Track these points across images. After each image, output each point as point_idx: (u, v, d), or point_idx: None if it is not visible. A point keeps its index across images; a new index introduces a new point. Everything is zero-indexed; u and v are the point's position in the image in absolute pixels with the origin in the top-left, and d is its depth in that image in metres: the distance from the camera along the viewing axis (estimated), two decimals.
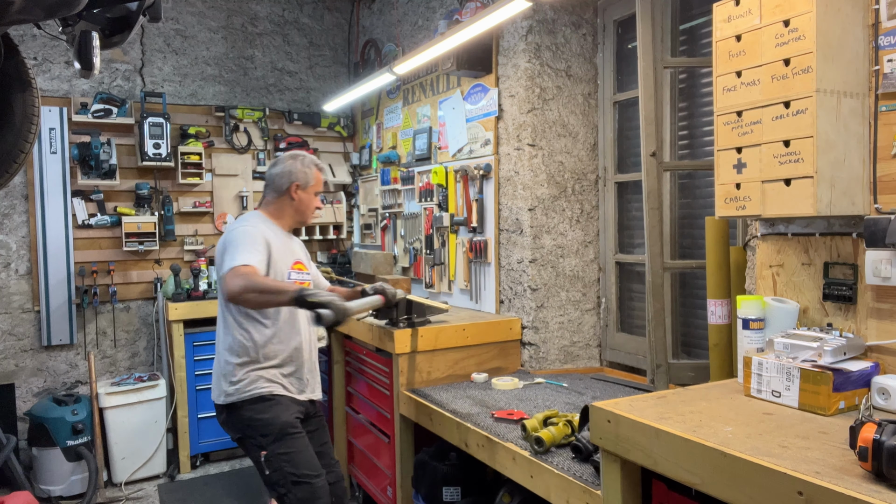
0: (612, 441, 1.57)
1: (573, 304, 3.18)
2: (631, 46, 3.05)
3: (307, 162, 2.58)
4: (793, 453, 1.28)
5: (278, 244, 2.47)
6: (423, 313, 2.98)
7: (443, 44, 3.06)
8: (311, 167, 2.57)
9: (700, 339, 2.73)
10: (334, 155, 5.14)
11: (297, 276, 2.53)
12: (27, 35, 4.07)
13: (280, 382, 2.46)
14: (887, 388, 1.53)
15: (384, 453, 3.10)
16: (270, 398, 2.42)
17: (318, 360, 2.74)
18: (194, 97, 4.65)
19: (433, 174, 3.78)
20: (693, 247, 2.78)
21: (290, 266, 2.52)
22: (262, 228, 2.45)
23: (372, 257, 4.22)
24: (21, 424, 3.99)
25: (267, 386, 2.43)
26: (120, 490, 3.90)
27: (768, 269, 1.96)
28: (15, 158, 2.27)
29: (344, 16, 5.16)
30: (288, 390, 2.47)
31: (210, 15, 4.70)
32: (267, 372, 2.43)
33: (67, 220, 4.20)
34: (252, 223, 2.46)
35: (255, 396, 2.40)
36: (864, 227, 1.61)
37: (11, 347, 4.12)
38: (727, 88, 1.80)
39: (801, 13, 1.60)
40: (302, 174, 2.54)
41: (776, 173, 1.66)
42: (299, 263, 2.58)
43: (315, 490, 2.36)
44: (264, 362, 2.43)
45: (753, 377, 1.66)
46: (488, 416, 2.41)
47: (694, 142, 2.76)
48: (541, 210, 3.11)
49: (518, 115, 3.14)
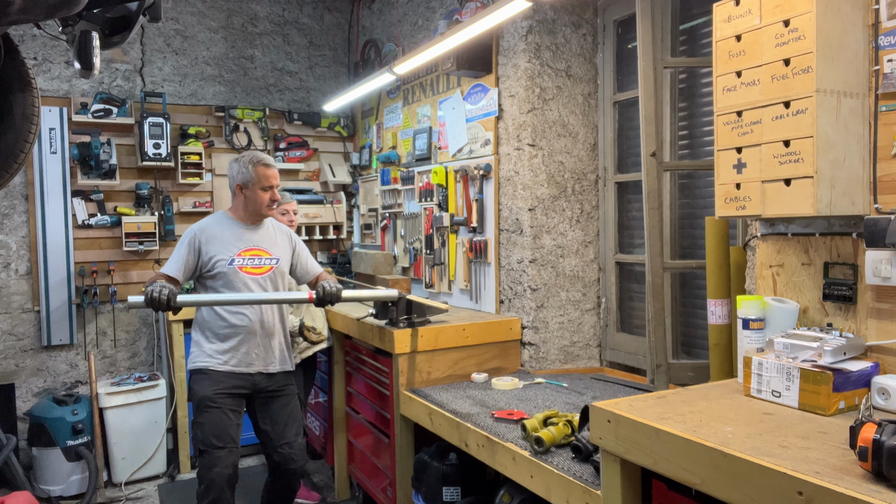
0: (612, 441, 1.57)
1: (573, 304, 3.18)
2: (631, 46, 3.05)
3: (244, 162, 2.81)
4: (793, 453, 1.28)
5: (226, 236, 2.80)
6: (423, 313, 2.98)
7: (443, 44, 3.06)
8: (248, 166, 2.80)
9: (700, 339, 2.73)
10: (334, 155, 5.15)
11: (241, 261, 2.79)
12: (27, 35, 4.07)
13: (216, 358, 2.75)
14: (887, 388, 1.53)
15: (384, 453, 3.10)
16: (203, 371, 2.75)
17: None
18: (194, 97, 4.65)
19: (433, 174, 3.78)
20: (693, 247, 2.78)
21: (238, 253, 2.79)
22: (205, 227, 2.81)
23: (372, 257, 4.22)
24: (21, 424, 3.99)
25: (202, 360, 2.76)
26: (120, 490, 3.90)
27: (768, 269, 1.96)
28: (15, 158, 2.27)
29: (344, 16, 5.16)
30: (226, 363, 2.75)
31: (210, 15, 4.70)
32: (207, 346, 2.77)
33: (67, 220, 4.20)
34: (195, 226, 2.84)
35: (193, 369, 2.79)
36: (864, 227, 1.60)
37: (11, 347, 4.12)
38: (727, 88, 1.80)
39: (801, 13, 1.60)
40: (241, 175, 2.80)
41: (776, 173, 1.66)
42: (254, 250, 2.83)
43: (213, 459, 2.65)
44: (206, 337, 2.78)
45: (753, 377, 1.66)
46: (488, 416, 2.41)
47: (694, 142, 2.76)
48: (541, 210, 3.11)
49: (518, 115, 3.14)
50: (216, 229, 2.82)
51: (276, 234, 2.97)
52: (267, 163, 2.83)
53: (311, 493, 3.71)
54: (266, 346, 2.83)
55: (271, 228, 2.97)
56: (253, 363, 2.79)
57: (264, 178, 2.80)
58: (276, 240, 2.93)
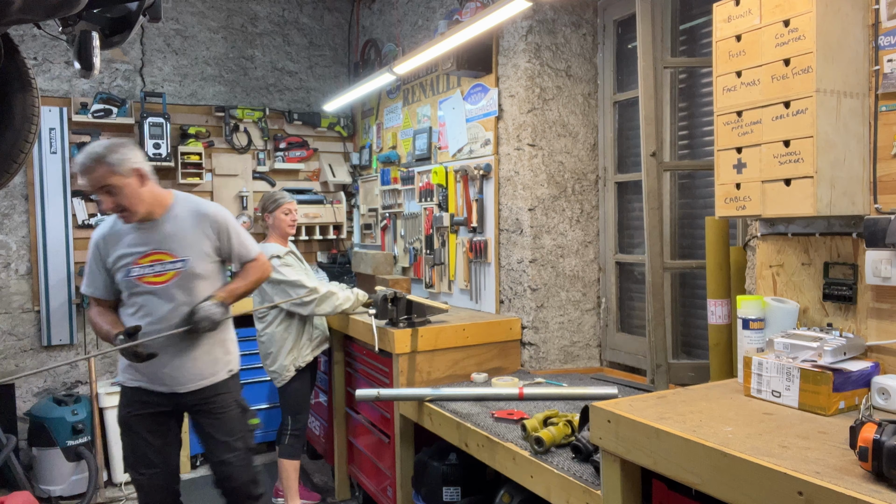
0: (612, 441, 1.57)
1: (573, 304, 3.18)
2: (631, 46, 3.05)
3: None
4: (793, 453, 1.28)
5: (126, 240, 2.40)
6: (423, 313, 2.98)
7: (443, 44, 3.06)
8: None
9: (700, 339, 2.73)
10: (334, 155, 5.14)
11: (139, 270, 2.38)
12: (27, 35, 4.07)
13: (129, 374, 2.46)
14: (887, 388, 1.53)
15: (384, 453, 3.10)
16: (121, 388, 2.53)
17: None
18: (194, 97, 4.65)
19: (433, 174, 3.78)
20: (693, 247, 2.78)
21: (136, 261, 2.38)
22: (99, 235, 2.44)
23: (372, 257, 4.22)
24: (21, 424, 3.98)
25: (120, 376, 2.52)
26: (120, 490, 3.90)
27: (768, 269, 1.96)
28: (15, 158, 2.26)
29: (344, 16, 5.16)
30: (139, 381, 2.46)
31: (210, 15, 4.70)
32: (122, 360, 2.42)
33: (67, 220, 4.20)
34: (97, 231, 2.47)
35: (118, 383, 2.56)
36: (864, 227, 1.60)
37: (11, 347, 4.11)
38: (727, 88, 1.80)
39: (801, 13, 1.60)
40: None
41: (776, 173, 1.66)
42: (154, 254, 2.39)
43: (140, 486, 2.50)
44: None
45: (753, 377, 1.66)
46: (488, 416, 2.41)
47: (694, 142, 2.76)
48: (541, 210, 3.11)
49: (518, 115, 3.14)
50: (109, 237, 2.41)
51: (187, 223, 2.44)
52: (79, 161, 2.32)
53: (311, 493, 3.71)
54: (179, 365, 2.42)
55: (180, 218, 2.44)
56: (166, 382, 2.43)
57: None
58: (185, 233, 2.43)
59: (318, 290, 3.20)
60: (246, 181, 4.77)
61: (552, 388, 2.65)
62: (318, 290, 3.20)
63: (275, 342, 3.30)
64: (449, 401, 2.60)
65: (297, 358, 3.34)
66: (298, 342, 3.34)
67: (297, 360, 3.33)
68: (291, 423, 3.35)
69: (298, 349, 3.35)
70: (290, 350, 3.31)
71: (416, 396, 2.67)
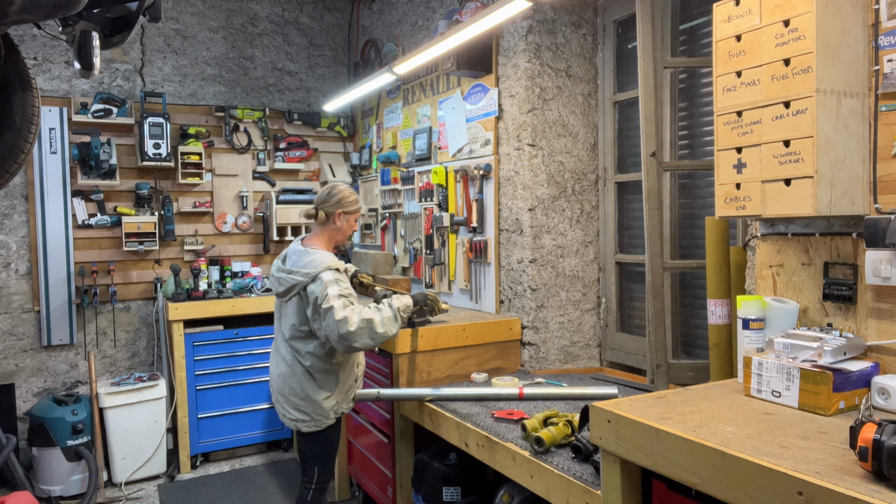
0: (612, 441, 1.57)
1: (573, 304, 3.18)
2: (631, 46, 3.05)
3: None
4: (793, 453, 1.28)
5: None
6: (423, 313, 2.98)
7: (443, 44, 3.06)
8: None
9: (700, 339, 2.73)
10: (334, 155, 5.15)
11: None
12: (27, 35, 4.07)
13: None
14: (887, 388, 1.54)
15: (384, 453, 3.10)
16: None
17: None
18: (194, 97, 4.65)
19: (433, 174, 3.78)
20: (693, 247, 2.78)
21: None
22: None
23: (372, 257, 4.22)
24: (21, 424, 3.99)
25: None
26: (120, 490, 3.90)
27: (768, 269, 1.96)
28: (15, 158, 2.27)
29: (344, 16, 5.16)
30: None
31: (210, 15, 4.70)
32: None
33: (67, 220, 4.20)
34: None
35: None
36: (864, 227, 1.60)
37: (11, 347, 4.12)
38: (727, 88, 1.80)
39: (801, 13, 1.60)
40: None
41: (776, 173, 1.66)
42: None
43: None
44: None
45: (753, 377, 1.66)
46: (488, 416, 2.41)
47: (694, 142, 2.76)
48: (541, 210, 3.11)
49: (518, 115, 3.14)
50: None
51: None
52: None
53: None
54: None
55: None
56: None
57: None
58: None
59: None
60: (246, 181, 4.77)
61: (552, 388, 2.66)
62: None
63: (316, 377, 2.56)
64: (449, 401, 2.61)
65: (342, 402, 2.63)
66: (347, 381, 2.65)
67: (340, 405, 2.63)
68: (318, 475, 2.65)
69: (345, 392, 2.64)
70: (334, 391, 2.59)
71: (416, 396, 2.68)
